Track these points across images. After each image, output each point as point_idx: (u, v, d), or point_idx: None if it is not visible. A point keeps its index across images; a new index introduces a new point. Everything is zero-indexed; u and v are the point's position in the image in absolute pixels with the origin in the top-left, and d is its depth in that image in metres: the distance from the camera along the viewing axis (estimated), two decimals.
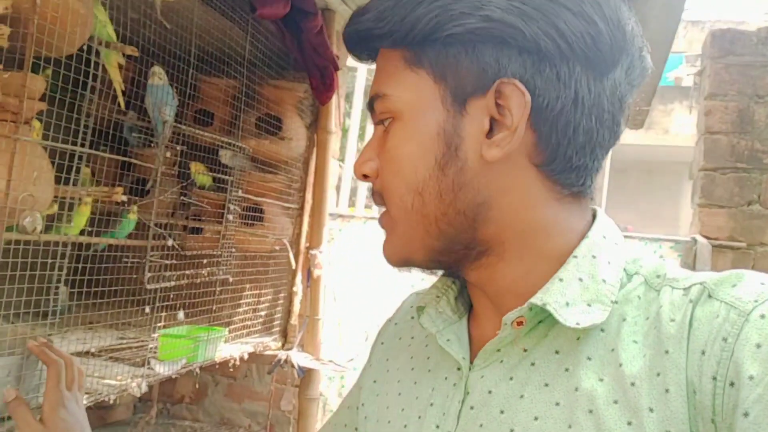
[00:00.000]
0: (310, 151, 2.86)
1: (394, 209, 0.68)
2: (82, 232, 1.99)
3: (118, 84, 1.55)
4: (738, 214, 2.74)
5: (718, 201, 2.77)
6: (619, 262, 0.66)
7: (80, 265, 2.07)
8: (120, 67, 1.64)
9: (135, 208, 2.15)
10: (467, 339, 0.72)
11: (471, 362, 0.68)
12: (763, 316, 0.55)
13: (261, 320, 2.76)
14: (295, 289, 2.86)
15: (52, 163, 1.58)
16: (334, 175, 3.11)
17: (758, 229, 2.69)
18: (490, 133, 0.64)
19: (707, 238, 2.73)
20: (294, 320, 2.88)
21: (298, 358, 2.73)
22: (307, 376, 2.75)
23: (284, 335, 2.89)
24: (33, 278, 1.57)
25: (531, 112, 0.63)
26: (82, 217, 1.96)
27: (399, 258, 0.70)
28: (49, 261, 1.62)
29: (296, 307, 2.86)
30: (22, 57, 1.41)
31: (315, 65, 2.63)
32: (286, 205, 2.78)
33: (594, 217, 0.70)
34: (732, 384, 0.54)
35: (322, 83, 2.68)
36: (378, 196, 0.70)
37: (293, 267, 2.79)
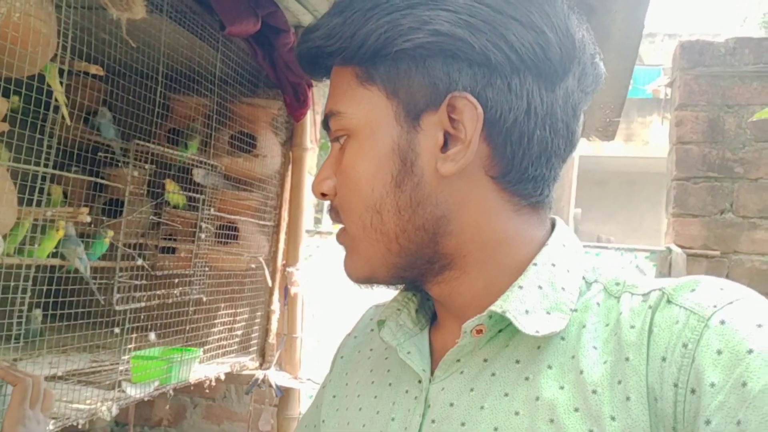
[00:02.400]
0: (285, 168, 2.85)
1: (352, 227, 0.68)
2: (54, 255, 1.97)
3: (61, 96, 1.53)
4: (711, 222, 2.76)
5: (691, 210, 2.79)
6: (578, 271, 0.66)
7: (52, 287, 2.04)
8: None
9: (109, 232, 2.13)
10: (428, 351, 0.71)
11: (432, 374, 0.68)
12: (722, 322, 0.55)
13: (237, 339, 2.73)
14: (272, 307, 2.83)
15: (22, 185, 1.56)
16: (311, 192, 3.09)
17: (732, 237, 2.71)
18: (444, 148, 0.64)
19: (682, 247, 2.74)
20: (272, 339, 2.85)
21: (276, 377, 2.70)
22: (285, 395, 2.72)
23: (262, 354, 2.86)
24: (3, 302, 1.54)
25: (484, 124, 0.63)
26: (51, 240, 1.93)
27: (361, 276, 0.69)
28: (21, 284, 1.59)
29: (273, 325, 2.84)
30: None
31: (288, 82, 2.63)
32: (262, 222, 2.76)
33: (553, 226, 0.70)
34: (693, 391, 0.53)
35: (296, 100, 2.68)
36: (335, 213, 0.70)
37: (269, 285, 2.76)
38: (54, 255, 1.99)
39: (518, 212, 0.67)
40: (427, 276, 0.68)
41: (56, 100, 1.51)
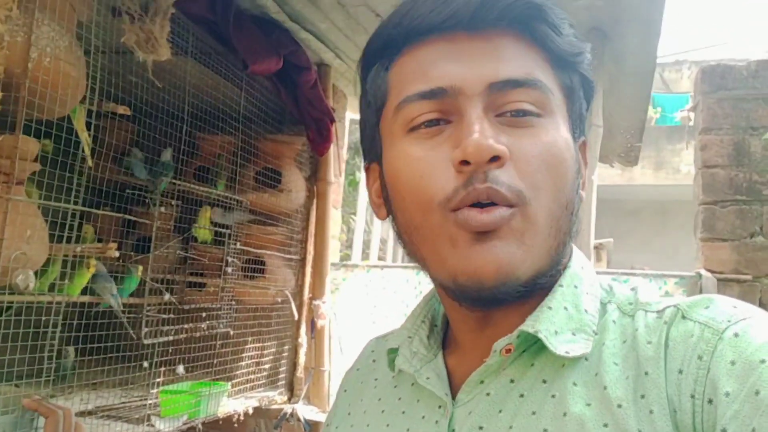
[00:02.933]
0: (310, 202, 2.89)
1: (540, 211, 0.60)
2: (84, 292, 2.02)
3: (84, 136, 1.59)
4: (741, 246, 2.71)
5: (720, 234, 2.75)
6: (596, 293, 0.67)
7: (83, 323, 2.08)
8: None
9: (139, 267, 2.18)
10: (446, 375, 0.70)
11: (453, 398, 0.67)
12: (736, 335, 0.55)
13: (265, 373, 2.75)
14: (300, 340, 2.85)
15: (53, 223, 1.61)
16: (336, 225, 3.13)
17: (763, 261, 2.66)
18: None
19: (712, 272, 2.70)
20: (300, 373, 2.86)
21: (304, 411, 2.70)
22: (313, 429, 2.71)
23: (290, 388, 2.87)
24: (34, 339, 1.58)
25: None
26: (82, 278, 1.99)
27: (512, 270, 0.60)
28: (52, 319, 1.63)
29: (301, 359, 2.85)
30: (14, 120, 1.46)
31: (311, 118, 2.69)
32: (288, 256, 2.79)
33: (572, 249, 0.70)
34: (710, 401, 0.54)
35: (319, 135, 2.73)
36: (506, 189, 0.59)
37: (296, 318, 2.78)
38: (85, 292, 2.04)
39: None
40: (537, 290, 0.63)
41: (84, 140, 1.57)
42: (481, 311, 0.66)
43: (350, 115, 3.63)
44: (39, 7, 1.47)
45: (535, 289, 0.63)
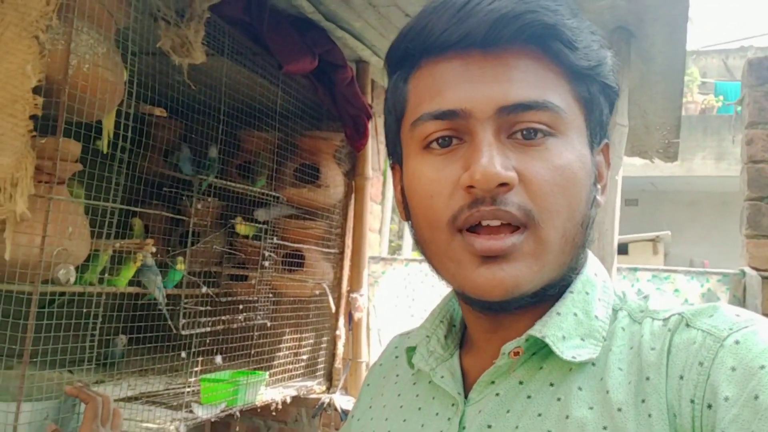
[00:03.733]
0: (348, 197, 2.95)
1: (551, 231, 0.62)
2: (130, 284, 2.13)
3: (106, 132, 1.69)
4: None
5: (765, 231, 2.67)
6: (608, 300, 0.69)
7: (130, 313, 2.19)
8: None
9: (181, 259, 2.27)
10: (460, 375, 0.72)
11: (465, 397, 0.69)
12: (737, 342, 0.57)
13: (303, 364, 2.82)
14: (338, 332, 2.91)
15: (98, 219, 1.71)
16: (375, 219, 3.18)
17: None
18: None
19: (756, 269, 2.63)
20: (338, 363, 2.92)
21: (341, 401, 2.77)
22: None
23: (329, 379, 2.93)
24: (83, 329, 1.68)
25: None
26: (129, 270, 2.09)
27: (525, 287, 0.62)
28: (93, 310, 1.72)
29: (340, 350, 2.91)
30: (56, 124, 1.55)
31: (348, 115, 2.73)
32: (326, 250, 2.85)
33: (586, 256, 0.72)
34: (709, 406, 0.55)
35: (356, 132, 2.78)
36: (516, 209, 0.61)
37: (333, 310, 2.84)
38: (132, 284, 2.15)
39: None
40: (547, 297, 0.66)
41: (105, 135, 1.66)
42: (493, 315, 0.69)
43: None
44: (78, 16, 1.55)
45: (546, 297, 0.65)
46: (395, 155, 0.74)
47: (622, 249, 8.45)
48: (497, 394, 0.66)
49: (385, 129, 0.76)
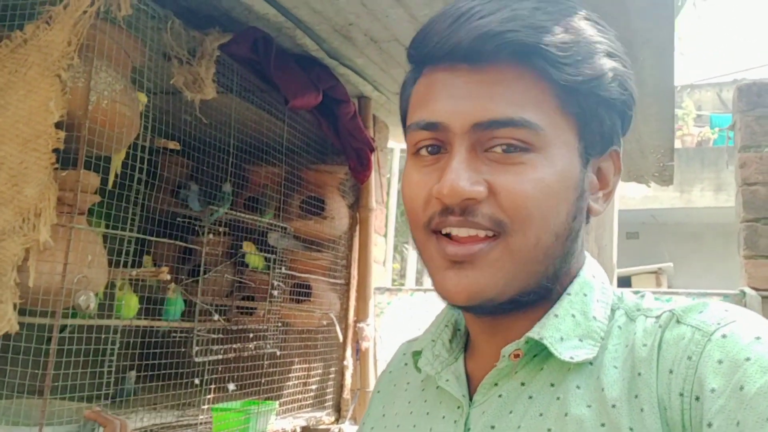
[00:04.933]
0: (353, 229, 3.01)
1: (521, 240, 0.65)
2: (137, 315, 2.17)
3: (114, 167, 1.77)
4: None
5: (763, 251, 2.73)
6: (606, 300, 0.71)
7: (143, 351, 2.23)
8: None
9: (173, 286, 2.32)
10: (465, 378, 0.74)
11: (470, 399, 0.71)
12: (724, 336, 0.59)
13: (312, 394, 2.85)
14: (345, 362, 2.95)
15: (114, 249, 1.77)
16: (380, 250, 3.23)
17: None
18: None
19: (756, 289, 2.68)
20: (346, 394, 2.95)
21: (351, 431, 2.78)
22: None
23: (337, 409, 2.95)
24: (98, 364, 1.73)
25: None
26: (133, 300, 2.12)
27: (490, 293, 0.66)
28: (109, 346, 1.77)
29: (348, 380, 2.94)
30: (76, 156, 1.63)
31: (352, 148, 2.82)
32: (333, 280, 2.91)
33: (584, 259, 0.75)
34: (697, 398, 0.57)
35: (360, 164, 2.86)
36: (486, 219, 0.64)
37: (341, 340, 2.88)
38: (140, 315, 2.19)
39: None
40: (532, 303, 0.69)
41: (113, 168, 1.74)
42: (487, 318, 0.72)
43: (395, 144, 3.75)
44: (97, 56, 1.65)
45: (529, 303, 0.68)
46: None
47: (625, 282, 8.44)
48: (500, 396, 0.68)
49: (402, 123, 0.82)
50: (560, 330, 0.67)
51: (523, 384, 0.68)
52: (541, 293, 0.68)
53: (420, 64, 0.72)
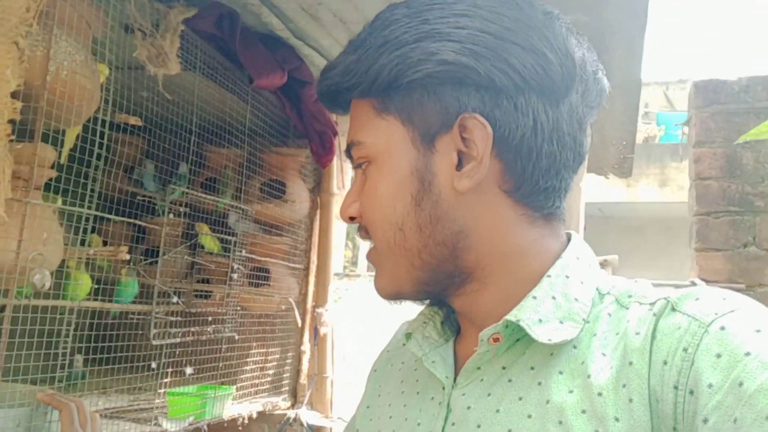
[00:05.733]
0: (313, 213, 2.98)
1: (378, 244, 0.74)
2: (89, 297, 2.10)
3: (69, 142, 1.71)
4: (735, 256, 2.77)
5: (714, 245, 2.81)
6: (592, 282, 0.70)
7: (92, 333, 2.16)
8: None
9: (127, 269, 2.26)
10: (452, 360, 0.75)
11: (455, 381, 0.72)
12: (723, 328, 0.58)
13: (269, 379, 2.81)
14: (303, 347, 2.92)
15: (68, 227, 1.70)
16: (340, 236, 3.21)
17: (756, 270, 2.72)
18: (459, 166, 0.69)
19: (705, 281, 2.76)
20: (303, 379, 2.93)
21: (307, 416, 2.77)
22: None
23: (294, 394, 2.93)
24: (47, 345, 1.66)
25: (494, 142, 0.68)
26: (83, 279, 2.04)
27: (390, 292, 0.75)
28: (63, 327, 1.71)
29: (305, 365, 2.92)
30: (33, 129, 1.56)
31: (315, 131, 2.78)
32: (292, 265, 2.87)
33: (569, 240, 0.75)
34: (692, 392, 0.56)
35: (322, 148, 2.82)
36: (364, 231, 0.76)
37: (299, 325, 2.85)
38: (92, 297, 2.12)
39: (533, 224, 0.71)
40: (449, 289, 0.73)
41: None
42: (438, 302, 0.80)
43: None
44: (57, 24, 1.57)
45: (449, 286, 0.73)
46: None
47: None
48: (482, 380, 0.69)
49: None
50: (538, 312, 0.66)
51: (504, 368, 0.68)
52: (447, 281, 0.73)
53: None
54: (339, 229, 3.40)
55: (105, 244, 2.59)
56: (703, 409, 0.55)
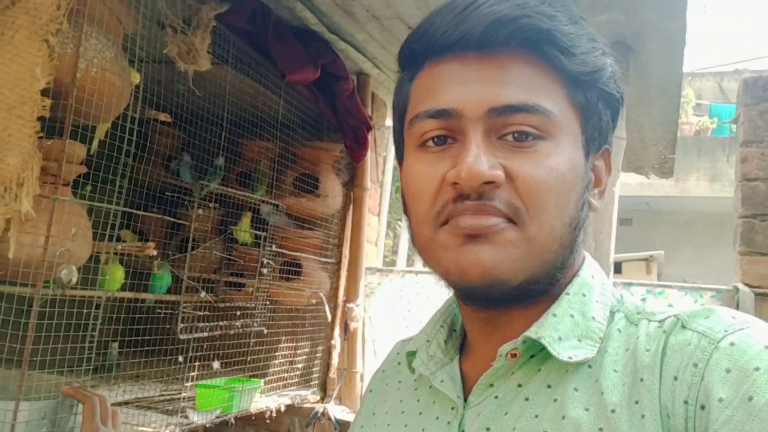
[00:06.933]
0: (346, 208, 2.97)
1: (536, 227, 0.64)
2: (122, 289, 2.13)
3: (98, 137, 1.71)
4: None
5: (759, 248, 2.70)
6: (606, 302, 0.69)
7: (126, 327, 2.20)
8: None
9: (159, 262, 2.29)
10: (460, 378, 0.73)
11: (465, 401, 0.70)
12: (732, 344, 0.57)
13: (298, 373, 2.83)
14: (333, 342, 2.92)
15: (99, 222, 1.72)
16: (373, 230, 3.20)
17: None
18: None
19: (749, 286, 2.66)
20: (332, 373, 2.93)
21: (335, 410, 2.77)
22: (344, 428, 2.78)
23: (323, 388, 2.94)
24: (82, 335, 1.69)
25: None
26: (119, 272, 2.08)
27: (499, 274, 0.63)
28: (93, 318, 1.73)
29: (334, 360, 2.92)
30: (62, 125, 1.57)
31: (348, 126, 2.76)
32: (324, 259, 2.87)
33: (582, 259, 0.73)
34: (702, 407, 0.56)
35: (356, 143, 2.81)
36: (503, 204, 0.63)
37: (329, 320, 2.86)
38: (125, 289, 2.15)
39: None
40: (535, 296, 0.67)
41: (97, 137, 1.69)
42: (484, 312, 0.70)
43: (390, 122, 3.70)
44: (87, 21, 1.58)
45: (534, 294, 0.66)
46: (399, 152, 0.77)
47: (616, 268, 8.46)
48: (496, 397, 0.67)
49: (393, 126, 0.79)
50: (558, 330, 0.65)
51: (519, 385, 0.66)
52: (548, 284, 0.67)
53: (419, 60, 0.70)
54: (376, 223, 3.38)
55: (140, 234, 2.64)
56: (714, 424, 0.54)
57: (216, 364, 2.27)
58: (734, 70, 13.24)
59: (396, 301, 3.12)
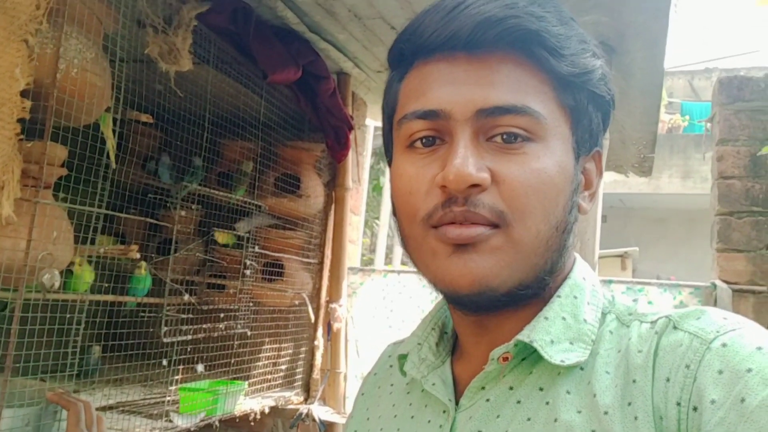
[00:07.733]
0: (328, 208, 2.96)
1: (522, 231, 0.63)
2: (99, 291, 2.10)
3: (110, 143, 1.68)
4: (757, 258, 2.71)
5: (735, 245, 2.74)
6: (597, 303, 0.69)
7: (107, 331, 2.16)
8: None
9: (143, 264, 2.26)
10: (452, 381, 0.73)
11: (456, 404, 0.69)
12: (724, 345, 0.57)
13: (282, 374, 2.81)
14: (316, 342, 2.91)
15: (79, 225, 1.69)
16: (355, 230, 3.19)
17: None
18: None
19: (727, 282, 2.70)
20: (316, 374, 2.92)
21: (319, 411, 2.76)
22: (328, 429, 2.77)
23: (307, 389, 2.93)
24: (63, 339, 1.66)
25: None
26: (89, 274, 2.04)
27: (487, 283, 0.63)
28: (75, 320, 1.70)
29: (318, 360, 2.91)
30: (43, 127, 1.55)
31: (330, 125, 2.75)
32: (306, 260, 2.86)
33: (573, 261, 0.73)
34: (695, 408, 0.56)
35: (337, 143, 2.80)
36: (487, 211, 0.62)
37: (312, 321, 2.84)
38: (108, 292, 2.13)
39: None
40: (525, 300, 0.67)
41: (110, 146, 1.65)
42: (475, 316, 0.69)
43: (372, 122, 3.69)
44: (67, 21, 1.55)
45: (524, 298, 0.66)
46: (388, 153, 0.76)
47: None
48: (488, 400, 0.67)
49: (382, 128, 0.79)
50: (550, 333, 0.65)
51: (511, 388, 0.66)
52: (537, 288, 0.66)
53: (408, 60, 0.70)
54: (358, 222, 3.38)
55: (119, 236, 2.60)
56: (706, 425, 0.54)
57: (200, 367, 2.25)
58: (705, 69, 13.45)
59: (378, 300, 3.12)
